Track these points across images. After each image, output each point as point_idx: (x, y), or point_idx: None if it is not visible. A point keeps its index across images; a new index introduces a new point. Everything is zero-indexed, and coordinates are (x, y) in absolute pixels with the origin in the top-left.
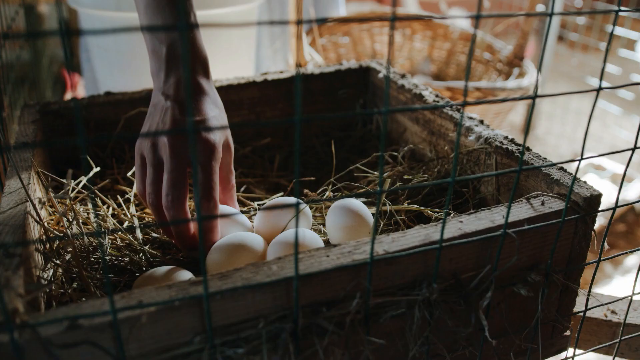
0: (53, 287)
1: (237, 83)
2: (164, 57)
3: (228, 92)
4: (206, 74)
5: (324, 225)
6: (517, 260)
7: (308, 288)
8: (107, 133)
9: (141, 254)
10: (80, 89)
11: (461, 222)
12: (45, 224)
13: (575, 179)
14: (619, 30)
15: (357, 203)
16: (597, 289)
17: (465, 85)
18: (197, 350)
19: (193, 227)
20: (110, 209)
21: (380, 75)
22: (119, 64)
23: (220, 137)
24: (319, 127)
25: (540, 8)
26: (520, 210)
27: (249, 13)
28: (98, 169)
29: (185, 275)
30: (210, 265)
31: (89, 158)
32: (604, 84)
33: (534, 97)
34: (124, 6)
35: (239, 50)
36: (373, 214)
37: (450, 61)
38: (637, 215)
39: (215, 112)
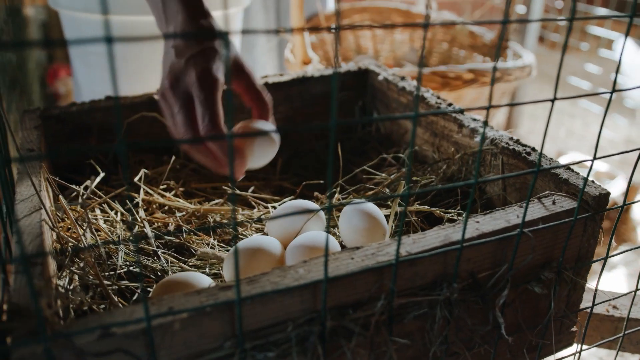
0: (72, 296)
1: None
2: (161, 11)
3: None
4: (205, 14)
5: (334, 227)
6: (531, 259)
7: (334, 290)
8: (111, 138)
9: (156, 259)
10: (65, 81)
11: (478, 222)
12: (60, 231)
13: (587, 178)
14: (599, 31)
15: (370, 205)
16: None
17: (490, 92)
18: (227, 355)
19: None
20: (119, 214)
21: (380, 77)
22: (105, 67)
23: (219, 67)
24: (318, 129)
25: (520, 9)
26: (534, 210)
27: (233, 17)
28: (103, 174)
29: (204, 280)
30: (229, 270)
31: (94, 163)
32: (587, 84)
33: (553, 99)
34: (108, 8)
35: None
36: (386, 216)
37: (432, 50)
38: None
39: (214, 45)
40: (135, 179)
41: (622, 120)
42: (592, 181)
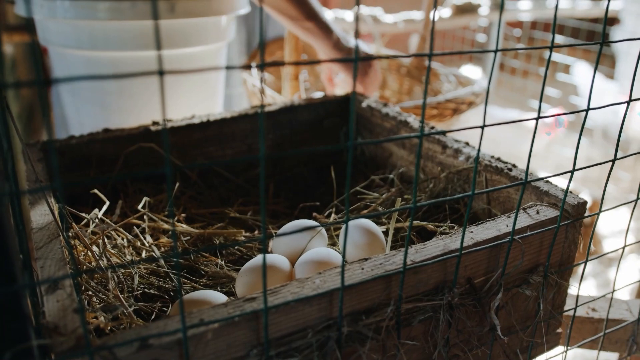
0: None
1: (231, 116)
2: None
3: (222, 126)
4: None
5: (334, 244)
6: (521, 264)
7: (348, 298)
8: (109, 169)
9: (168, 280)
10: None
11: (472, 232)
12: (78, 257)
13: (568, 189)
14: (557, 57)
15: (368, 222)
16: None
17: (484, 111)
18: None
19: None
20: (126, 240)
21: (364, 104)
22: (92, 102)
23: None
24: (305, 155)
25: (480, 37)
26: (521, 219)
27: (216, 52)
28: (108, 203)
29: (220, 297)
30: (241, 287)
31: (98, 192)
32: (546, 106)
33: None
34: (98, 45)
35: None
36: (383, 232)
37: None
38: (585, 226)
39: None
40: (139, 206)
41: (583, 140)
42: (570, 192)
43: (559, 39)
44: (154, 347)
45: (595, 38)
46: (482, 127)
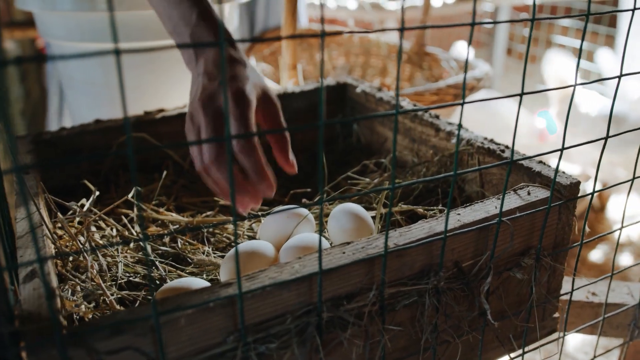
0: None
1: None
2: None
3: None
4: (232, 45)
5: (323, 230)
6: (511, 247)
7: (329, 283)
8: (101, 160)
9: (154, 269)
10: None
11: (459, 214)
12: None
13: (558, 167)
14: (564, 40)
15: (356, 207)
16: None
17: (464, 84)
18: (231, 349)
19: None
20: (114, 230)
21: (358, 90)
22: (92, 95)
23: (252, 90)
24: (300, 142)
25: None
26: (511, 200)
27: (230, 14)
28: (97, 193)
29: (203, 284)
30: (224, 273)
31: (87, 182)
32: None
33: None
34: (100, 37)
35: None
36: (373, 217)
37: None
38: (595, 211)
39: (245, 72)
40: (129, 196)
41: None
42: (563, 172)
43: (565, 22)
44: (126, 333)
45: (602, 19)
46: (462, 104)
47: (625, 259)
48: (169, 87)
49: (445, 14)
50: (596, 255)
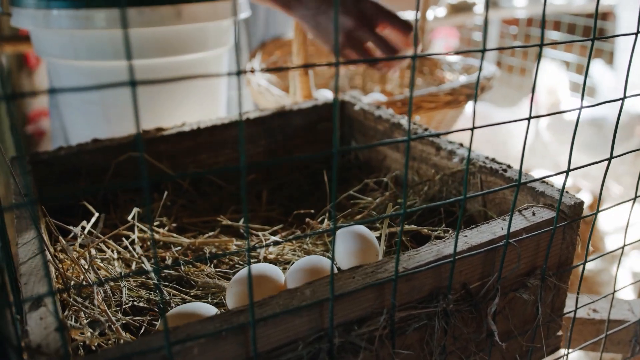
0: (74, 334)
1: (221, 123)
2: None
3: (213, 133)
4: None
5: (327, 251)
6: (517, 268)
7: (340, 308)
8: (99, 180)
9: (158, 292)
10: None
11: (466, 236)
12: (64, 272)
13: (563, 189)
14: (554, 54)
15: (362, 228)
16: None
17: (474, 113)
18: None
19: None
20: (115, 252)
21: (356, 107)
22: (90, 113)
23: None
24: (298, 159)
25: (476, 35)
26: (517, 222)
27: (219, 57)
28: (97, 215)
29: (210, 309)
30: (231, 298)
31: (87, 204)
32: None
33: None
34: (95, 55)
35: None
36: (377, 238)
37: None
38: (586, 223)
39: None
40: (129, 217)
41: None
42: (567, 192)
43: (555, 35)
44: None
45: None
46: (472, 129)
47: (613, 268)
48: (167, 105)
49: (435, 27)
50: (587, 266)
